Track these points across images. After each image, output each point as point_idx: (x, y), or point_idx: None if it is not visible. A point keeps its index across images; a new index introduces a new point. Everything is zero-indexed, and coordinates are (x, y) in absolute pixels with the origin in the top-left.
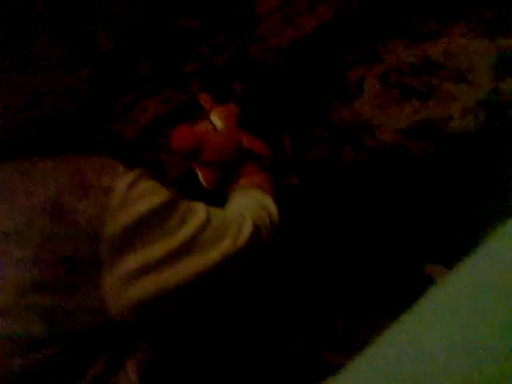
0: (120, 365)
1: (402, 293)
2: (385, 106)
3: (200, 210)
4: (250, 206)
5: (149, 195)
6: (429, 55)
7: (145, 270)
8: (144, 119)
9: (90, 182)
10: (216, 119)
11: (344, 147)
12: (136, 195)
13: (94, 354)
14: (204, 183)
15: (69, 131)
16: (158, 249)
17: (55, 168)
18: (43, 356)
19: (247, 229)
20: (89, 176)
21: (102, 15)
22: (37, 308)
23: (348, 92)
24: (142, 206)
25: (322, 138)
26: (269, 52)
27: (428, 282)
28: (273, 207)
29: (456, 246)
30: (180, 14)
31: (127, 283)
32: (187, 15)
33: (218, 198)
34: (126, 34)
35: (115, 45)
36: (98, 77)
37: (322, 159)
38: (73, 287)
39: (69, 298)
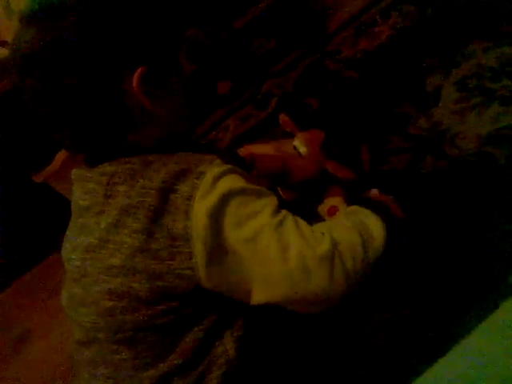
0: (218, 337)
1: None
2: (465, 112)
3: (281, 213)
4: (339, 225)
5: (234, 181)
6: (510, 57)
7: (220, 250)
8: (227, 138)
9: (190, 169)
10: (300, 145)
11: (424, 157)
12: (223, 181)
13: (194, 320)
14: (284, 198)
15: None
16: (230, 234)
17: (167, 160)
18: (149, 314)
19: (324, 246)
20: (190, 164)
21: (186, 45)
22: (143, 269)
23: (426, 100)
24: (223, 189)
25: (400, 149)
26: (343, 64)
27: None
28: (376, 228)
29: None
30: (254, 35)
31: (208, 258)
32: (262, 36)
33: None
34: (206, 59)
35: (197, 66)
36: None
37: (400, 169)
38: (172, 255)
39: (168, 264)
